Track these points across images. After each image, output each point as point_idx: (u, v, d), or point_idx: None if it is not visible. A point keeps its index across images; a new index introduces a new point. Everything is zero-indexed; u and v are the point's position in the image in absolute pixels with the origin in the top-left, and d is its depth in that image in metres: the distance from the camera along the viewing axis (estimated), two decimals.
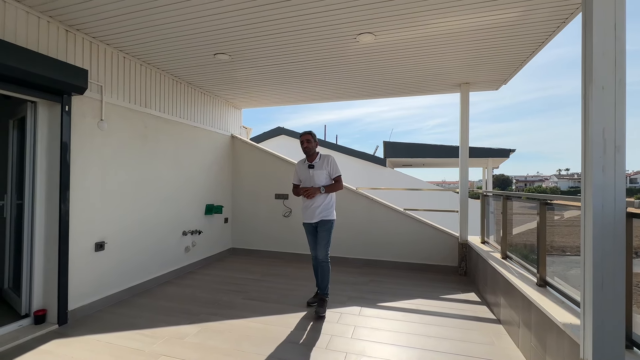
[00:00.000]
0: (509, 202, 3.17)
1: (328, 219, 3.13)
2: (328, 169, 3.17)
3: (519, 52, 3.21)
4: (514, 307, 2.47)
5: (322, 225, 3.12)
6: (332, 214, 3.18)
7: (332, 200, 3.21)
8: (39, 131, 2.74)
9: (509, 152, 10.58)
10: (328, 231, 3.12)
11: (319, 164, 3.19)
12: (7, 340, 2.42)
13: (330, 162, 3.20)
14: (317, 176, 3.15)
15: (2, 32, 2.33)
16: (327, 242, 3.10)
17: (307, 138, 3.17)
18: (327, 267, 3.12)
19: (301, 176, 3.27)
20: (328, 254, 3.11)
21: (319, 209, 3.11)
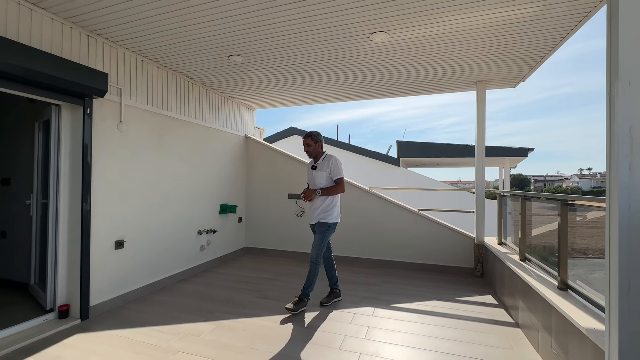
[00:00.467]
0: (527, 203, 3.08)
1: (324, 222, 3.07)
2: (328, 170, 3.11)
3: (539, 48, 3.12)
4: (533, 310, 2.40)
5: (318, 227, 3.11)
6: (331, 217, 3.08)
7: (331, 202, 3.10)
8: (62, 133, 2.85)
9: (527, 151, 10.28)
10: (322, 234, 3.07)
11: (321, 165, 3.16)
12: (34, 333, 2.53)
13: (332, 163, 3.12)
14: (317, 177, 3.13)
15: (29, 38, 2.44)
16: (319, 244, 3.05)
17: (307, 142, 3.15)
18: (314, 269, 3.05)
19: (308, 177, 3.30)
20: (319, 255, 3.05)
21: (317, 211, 3.10)
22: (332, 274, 3.29)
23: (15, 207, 3.58)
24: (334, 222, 3.11)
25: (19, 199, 3.50)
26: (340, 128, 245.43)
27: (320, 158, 3.19)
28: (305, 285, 3.06)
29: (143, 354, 2.28)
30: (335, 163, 3.13)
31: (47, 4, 2.43)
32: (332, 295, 3.27)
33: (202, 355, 2.27)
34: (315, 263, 3.05)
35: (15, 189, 3.64)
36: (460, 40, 3.00)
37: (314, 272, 3.06)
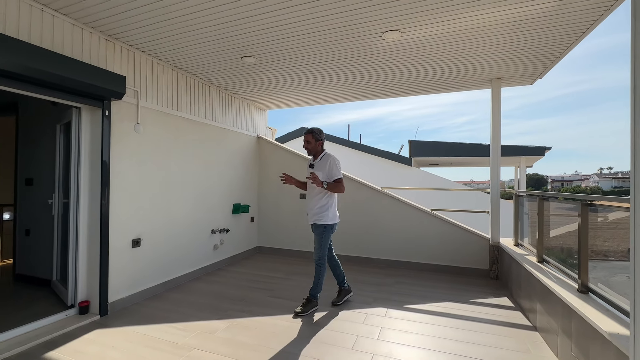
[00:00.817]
0: (545, 203, 3.00)
1: (319, 223, 3.01)
2: (325, 171, 3.01)
3: (557, 44, 3.03)
4: (552, 313, 2.34)
5: (315, 229, 3.07)
6: (326, 218, 3.00)
7: (327, 203, 3.02)
8: (82, 135, 2.95)
9: (544, 150, 10.01)
10: (319, 236, 3.02)
11: (319, 164, 3.08)
12: (56, 328, 2.63)
13: (330, 163, 3.02)
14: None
15: (51, 43, 2.53)
16: (319, 245, 3.02)
17: (307, 138, 3.09)
18: (319, 270, 3.03)
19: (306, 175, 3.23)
20: (323, 256, 3.03)
21: (312, 211, 3.04)
22: (338, 273, 3.27)
23: (38, 206, 3.72)
24: (330, 223, 3.02)
25: (42, 198, 3.64)
26: (351, 128, 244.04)
27: (319, 157, 3.12)
28: (312, 287, 3.07)
29: (160, 350, 2.34)
30: (334, 163, 3.03)
31: (69, 10, 2.52)
32: (343, 293, 3.27)
33: (217, 353, 2.31)
34: (320, 265, 3.04)
35: (38, 189, 3.78)
36: (475, 38, 2.95)
37: (319, 274, 3.05)
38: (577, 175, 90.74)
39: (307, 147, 3.12)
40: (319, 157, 3.12)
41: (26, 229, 3.90)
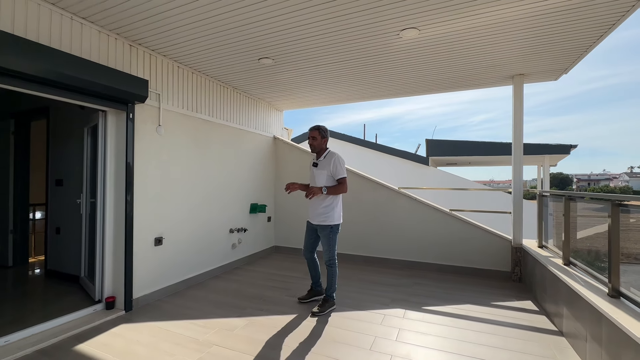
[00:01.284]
0: (572, 203, 2.88)
1: (326, 224, 2.96)
2: (330, 169, 2.96)
3: (584, 37, 2.90)
4: (579, 318, 2.25)
5: (321, 231, 3.02)
6: (332, 219, 2.97)
7: (332, 203, 2.97)
8: (108, 137, 3.07)
9: (570, 148, 9.60)
10: (327, 237, 2.99)
11: (322, 163, 3.02)
12: (85, 322, 2.75)
13: (334, 162, 2.96)
14: (317, 176, 3.00)
15: (80, 50, 2.65)
16: (329, 247, 3.00)
17: (313, 135, 3.02)
18: (332, 270, 3.04)
19: (309, 174, 3.20)
20: (333, 257, 3.02)
21: (317, 211, 3.00)
22: (313, 274, 3.26)
23: (68, 205, 3.90)
24: (336, 223, 2.99)
25: (71, 198, 3.81)
26: (367, 127, 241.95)
27: (323, 155, 3.06)
28: (327, 287, 3.08)
29: (182, 346, 2.40)
30: (338, 162, 2.97)
31: (96, 17, 2.63)
32: (311, 293, 3.27)
33: (236, 350, 2.35)
34: (331, 265, 3.04)
35: (68, 189, 3.96)
36: (496, 33, 2.87)
37: (332, 274, 3.06)
38: (605, 174, 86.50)
39: (313, 143, 3.05)
40: (323, 155, 3.06)
41: (56, 227, 4.10)
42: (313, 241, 3.16)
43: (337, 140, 11.25)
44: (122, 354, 2.29)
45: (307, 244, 3.20)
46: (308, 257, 3.23)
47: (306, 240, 3.19)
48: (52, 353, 2.31)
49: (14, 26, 2.25)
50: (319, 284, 3.29)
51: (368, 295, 3.46)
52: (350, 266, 4.59)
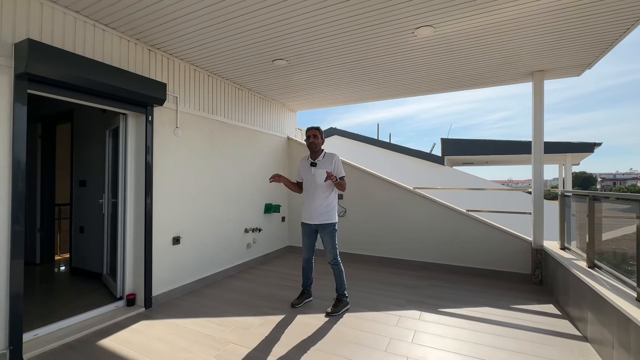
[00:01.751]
0: (596, 204, 2.77)
1: (330, 222, 3.03)
2: (332, 169, 3.03)
3: (610, 30, 2.79)
4: (605, 324, 2.16)
5: (324, 229, 3.04)
6: (334, 217, 3.06)
7: (332, 202, 3.08)
8: (128, 139, 3.17)
9: (593, 146, 9.24)
10: (330, 235, 3.04)
11: (322, 162, 3.07)
12: (107, 318, 2.85)
13: (335, 161, 3.06)
14: (318, 175, 3.02)
15: (102, 55, 2.75)
16: (332, 245, 3.04)
17: (314, 133, 3.07)
18: (339, 269, 3.07)
19: (303, 174, 3.17)
20: (337, 255, 3.07)
21: (319, 211, 3.02)
22: (308, 276, 3.26)
23: (91, 205, 4.05)
24: (336, 221, 3.09)
25: (94, 198, 3.96)
26: (380, 127, 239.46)
27: (321, 155, 3.11)
28: (338, 287, 3.09)
29: (199, 343, 2.45)
30: (339, 162, 3.10)
31: (117, 24, 2.73)
32: (304, 296, 3.24)
33: (252, 348, 2.38)
34: (337, 263, 3.08)
35: (91, 189, 4.11)
36: (515, 29, 2.79)
37: (339, 272, 3.08)
38: (632, 173, 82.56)
39: (315, 141, 3.06)
40: (321, 155, 3.11)
41: (80, 226, 4.26)
42: (313, 243, 3.18)
43: (350, 140, 11.21)
44: (143, 350, 2.36)
45: (309, 247, 3.18)
46: (310, 259, 3.23)
47: (307, 243, 3.17)
48: (78, 347, 2.40)
49: (42, 34, 2.36)
50: (311, 286, 3.32)
51: (383, 296, 3.44)
52: (364, 267, 4.57)
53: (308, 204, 3.09)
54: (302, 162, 3.22)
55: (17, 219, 2.21)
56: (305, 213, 3.12)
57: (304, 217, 3.13)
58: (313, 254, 3.22)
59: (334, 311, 2.97)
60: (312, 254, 3.20)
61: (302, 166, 3.19)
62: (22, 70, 2.15)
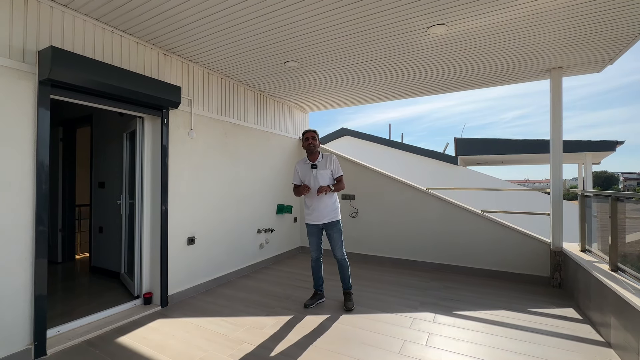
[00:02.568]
0: (619, 204, 2.67)
1: (337, 220, 3.16)
2: (331, 169, 3.15)
3: (632, 24, 2.68)
4: (630, 329, 2.07)
5: (333, 227, 3.14)
6: (339, 213, 3.21)
7: (337, 200, 3.23)
8: (145, 141, 3.25)
9: (615, 144, 8.90)
10: (339, 231, 3.17)
11: (322, 163, 3.16)
12: (125, 316, 2.93)
13: (333, 161, 3.18)
14: (320, 176, 3.12)
15: (120, 60, 2.83)
16: (341, 241, 3.17)
17: (312, 135, 3.17)
18: (347, 264, 3.23)
19: (303, 177, 3.23)
20: (344, 252, 3.20)
21: (326, 210, 3.11)
22: (319, 276, 3.30)
23: (109, 206, 4.17)
24: (341, 217, 3.23)
25: (112, 199, 4.08)
26: (392, 127, 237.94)
27: (319, 157, 3.20)
28: (346, 282, 3.22)
29: (213, 342, 2.49)
30: (337, 161, 3.21)
31: (134, 29, 2.80)
32: (317, 297, 3.27)
33: (266, 348, 2.40)
34: (344, 260, 3.21)
35: (109, 191, 4.24)
36: (531, 25, 2.72)
37: (347, 267, 3.22)
38: None
39: (313, 143, 3.16)
40: (320, 157, 3.21)
41: (99, 226, 4.39)
42: (321, 241, 3.26)
43: (361, 140, 11.17)
44: (159, 348, 2.41)
45: (318, 246, 3.24)
46: (319, 259, 3.28)
47: (315, 243, 3.23)
48: (98, 344, 2.48)
49: (64, 41, 2.45)
50: (322, 287, 3.35)
51: (396, 297, 3.41)
52: (377, 268, 4.54)
53: (314, 205, 3.15)
54: (300, 164, 3.28)
55: (41, 219, 2.29)
56: (312, 214, 3.17)
57: (311, 219, 3.19)
58: (321, 253, 3.30)
59: (352, 305, 3.10)
60: (320, 252, 3.29)
61: (301, 169, 3.26)
62: (45, 77, 2.24)
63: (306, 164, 3.21)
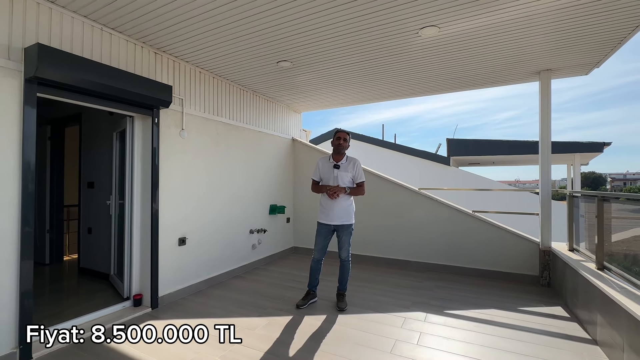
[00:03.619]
0: (605, 204, 2.72)
1: (349, 224, 3.13)
2: (353, 173, 3.13)
3: (618, 28, 2.74)
4: (615, 327, 2.12)
5: (344, 230, 3.12)
6: (353, 218, 3.17)
7: (352, 203, 3.18)
8: (135, 141, 3.20)
9: (602, 145, 9.09)
10: (349, 235, 3.16)
11: (345, 165, 3.14)
12: (115, 318, 2.88)
13: (357, 166, 3.15)
14: (341, 177, 3.10)
15: (109, 59, 2.79)
16: (348, 244, 3.17)
17: (344, 136, 3.15)
18: (349, 266, 3.23)
19: (323, 174, 3.21)
20: (349, 254, 3.21)
21: (341, 212, 3.09)
22: (316, 277, 3.29)
23: (99, 207, 4.11)
24: (354, 221, 3.20)
25: (101, 199, 4.01)
26: (385, 127, 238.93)
27: (344, 158, 3.18)
28: (344, 283, 3.23)
29: (205, 343, 2.46)
30: (360, 167, 3.19)
31: (124, 27, 2.76)
32: (309, 297, 3.26)
33: (257, 349, 2.39)
34: (348, 262, 3.21)
35: (98, 191, 4.17)
36: (521, 28, 2.76)
37: (348, 269, 3.22)
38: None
39: (343, 144, 3.13)
40: (344, 159, 3.17)
41: (88, 227, 4.32)
42: (328, 243, 3.21)
43: (355, 140, 11.20)
44: (150, 350, 2.38)
45: (323, 247, 3.20)
46: (320, 260, 3.24)
47: (321, 243, 3.18)
48: (86, 347, 2.43)
49: (51, 39, 2.40)
50: (317, 287, 3.33)
51: (388, 297, 3.42)
52: (370, 268, 4.56)
53: (330, 205, 3.11)
54: (323, 162, 3.24)
55: (26, 220, 2.24)
56: (326, 214, 3.13)
57: (324, 218, 3.15)
58: (324, 255, 3.25)
59: (345, 305, 3.11)
60: (323, 254, 3.24)
61: (323, 166, 3.22)
62: (31, 74, 2.19)
63: (329, 163, 3.19)
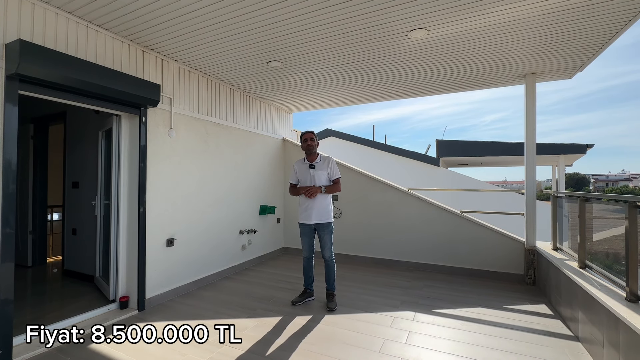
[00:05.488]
0: (587, 205, 2.81)
1: (328, 222, 3.18)
2: (329, 170, 3.20)
3: (600, 34, 2.83)
4: (596, 323, 2.18)
5: (324, 228, 3.17)
6: (331, 216, 3.22)
7: (330, 202, 3.24)
8: (122, 140, 3.15)
9: (586, 147, 9.35)
10: (330, 233, 3.20)
11: (320, 164, 3.21)
12: (100, 320, 2.82)
13: (331, 163, 3.24)
14: (317, 177, 3.17)
15: (95, 56, 2.73)
16: (330, 243, 3.21)
17: (311, 136, 3.21)
18: (334, 265, 3.25)
19: (300, 176, 3.29)
20: (332, 252, 3.24)
21: (319, 210, 3.14)
22: (310, 275, 3.35)
23: (84, 207, 4.01)
24: (333, 219, 3.24)
25: (87, 200, 3.92)
26: (376, 128, 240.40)
27: (317, 157, 3.24)
28: (331, 283, 3.25)
29: (193, 346, 2.44)
30: (335, 164, 3.26)
31: (111, 24, 2.71)
32: (306, 295, 3.32)
33: (246, 350, 2.37)
34: (332, 260, 3.24)
35: (83, 191, 4.08)
36: (507, 32, 2.83)
37: (334, 268, 3.25)
38: (624, 174, 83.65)
39: (311, 144, 3.20)
40: (318, 158, 3.24)
41: (73, 228, 4.22)
42: (313, 241, 3.28)
43: (346, 141, 11.24)
44: (136, 353, 2.34)
45: (309, 246, 3.28)
46: (310, 258, 3.31)
47: (307, 242, 3.26)
48: (70, 351, 2.37)
49: (33, 35, 2.34)
50: (312, 284, 3.38)
51: (377, 297, 3.45)
52: (359, 268, 4.58)
53: (308, 204, 3.17)
54: (299, 164, 3.32)
55: (7, 221, 2.18)
56: (305, 213, 3.20)
57: (304, 218, 3.22)
58: (313, 253, 3.32)
59: (334, 306, 3.12)
60: (312, 252, 3.31)
61: (300, 168, 3.30)
62: (13, 71, 2.13)
63: (305, 164, 3.26)
